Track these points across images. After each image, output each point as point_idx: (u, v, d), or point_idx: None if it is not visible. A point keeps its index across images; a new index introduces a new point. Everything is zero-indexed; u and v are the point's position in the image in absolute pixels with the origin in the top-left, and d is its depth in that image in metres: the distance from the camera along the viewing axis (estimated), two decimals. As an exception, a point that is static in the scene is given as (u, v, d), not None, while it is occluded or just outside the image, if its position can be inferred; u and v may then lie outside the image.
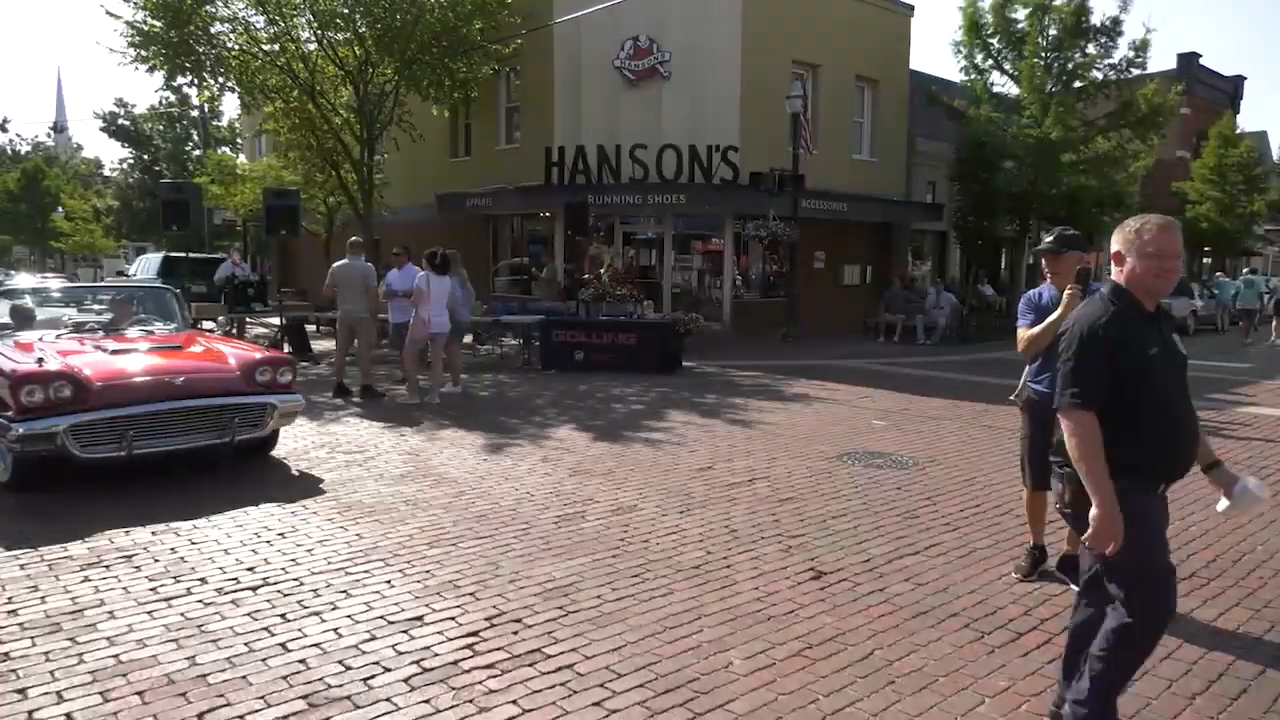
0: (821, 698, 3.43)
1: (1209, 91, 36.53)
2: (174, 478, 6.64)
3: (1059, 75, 22.03)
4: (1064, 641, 3.93)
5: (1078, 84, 22.05)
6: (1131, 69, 22.03)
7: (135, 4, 16.61)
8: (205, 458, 6.77)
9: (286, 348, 14.89)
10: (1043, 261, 4.72)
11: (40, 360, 6.19)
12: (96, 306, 8.90)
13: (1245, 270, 26.27)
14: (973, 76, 23.35)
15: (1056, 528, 5.40)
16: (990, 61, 23.12)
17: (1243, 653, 3.88)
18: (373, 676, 3.56)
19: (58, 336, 7.41)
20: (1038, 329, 4.54)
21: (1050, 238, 4.66)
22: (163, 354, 6.90)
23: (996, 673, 3.67)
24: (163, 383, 6.40)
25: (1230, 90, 38.06)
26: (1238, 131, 32.67)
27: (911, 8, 24.14)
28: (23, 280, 9.16)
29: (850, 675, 3.63)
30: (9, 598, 4.33)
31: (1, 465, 6.24)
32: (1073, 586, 4.80)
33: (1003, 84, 23.61)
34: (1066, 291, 4.37)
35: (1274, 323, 21.28)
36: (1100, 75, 22.01)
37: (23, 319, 7.61)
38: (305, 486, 6.56)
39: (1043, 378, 4.64)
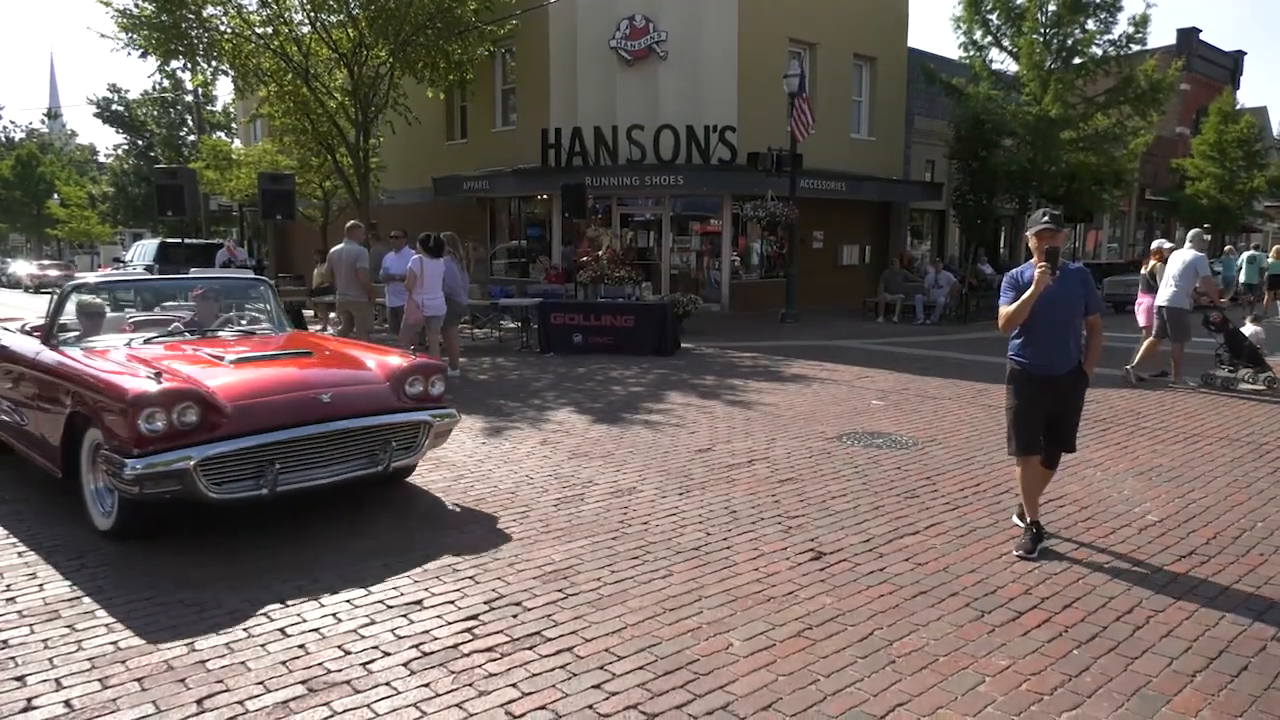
0: (822, 678, 3.43)
1: (1209, 67, 36.35)
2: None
3: (1058, 51, 21.89)
4: (1065, 620, 3.94)
5: (1077, 60, 21.93)
6: (1131, 45, 21.91)
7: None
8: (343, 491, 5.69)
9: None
10: (1029, 241, 4.79)
11: (158, 375, 4.76)
12: (172, 304, 7.22)
13: (1250, 248, 26.37)
14: (971, 53, 23.21)
15: (1050, 504, 5.40)
16: (989, 38, 22.98)
17: (1243, 630, 3.88)
18: (372, 661, 3.56)
19: (145, 341, 5.96)
20: (1014, 306, 4.73)
21: (1045, 216, 4.74)
22: (294, 363, 5.57)
23: (997, 652, 3.66)
24: (308, 400, 5.04)
25: (1230, 66, 37.88)
26: (1238, 107, 32.49)
27: (909, -16, 23.98)
28: (90, 274, 8.03)
29: (850, 655, 3.62)
30: (7, 585, 4.33)
31: (99, 510, 5.01)
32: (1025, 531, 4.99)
33: (1002, 61, 23.49)
34: (1037, 269, 4.60)
35: (1266, 298, 21.32)
36: (1100, 51, 21.88)
37: (93, 320, 6.21)
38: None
39: (1025, 351, 4.83)
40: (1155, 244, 11.79)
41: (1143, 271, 11.99)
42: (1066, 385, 4.81)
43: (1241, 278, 22.86)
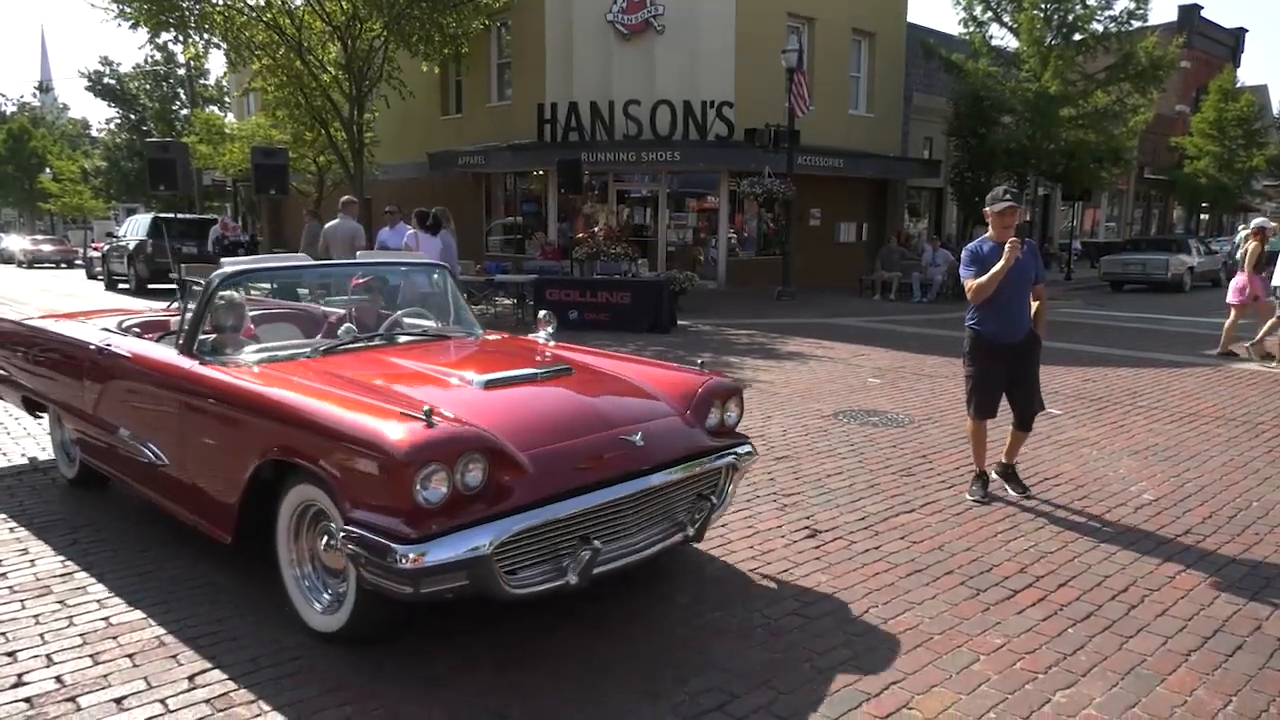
0: (816, 655, 3.42)
1: (1209, 44, 36.12)
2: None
3: (1059, 27, 21.74)
4: (1060, 599, 3.93)
5: (1077, 36, 21.77)
6: (1132, 21, 21.76)
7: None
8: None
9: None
10: (989, 215, 5.17)
11: (429, 412, 3.13)
12: (338, 298, 5.40)
13: (1244, 227, 26.63)
14: (971, 29, 23.04)
15: (1046, 482, 5.41)
16: (989, 13, 22.81)
17: (1238, 609, 3.88)
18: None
19: (326, 351, 4.29)
20: (984, 279, 5.03)
21: (1005, 193, 5.15)
22: (562, 384, 3.95)
23: (991, 630, 3.65)
24: (618, 444, 3.58)
25: (1231, 43, 37.65)
26: (1238, 85, 32.34)
27: (909, -42, 23.75)
28: (235, 259, 4.76)
29: (845, 634, 3.62)
30: (-2, 561, 4.31)
31: (312, 602, 3.58)
32: (1011, 493, 5.37)
33: (1001, 37, 23.33)
34: (1009, 244, 4.93)
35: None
36: (1100, 27, 21.74)
37: (236, 321, 4.45)
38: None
39: (986, 320, 5.19)
40: (1257, 222, 11.66)
41: (1242, 250, 12.02)
42: (1024, 350, 5.21)
43: (1237, 256, 23.10)
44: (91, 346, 4.79)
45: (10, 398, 5.92)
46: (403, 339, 4.73)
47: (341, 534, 3.14)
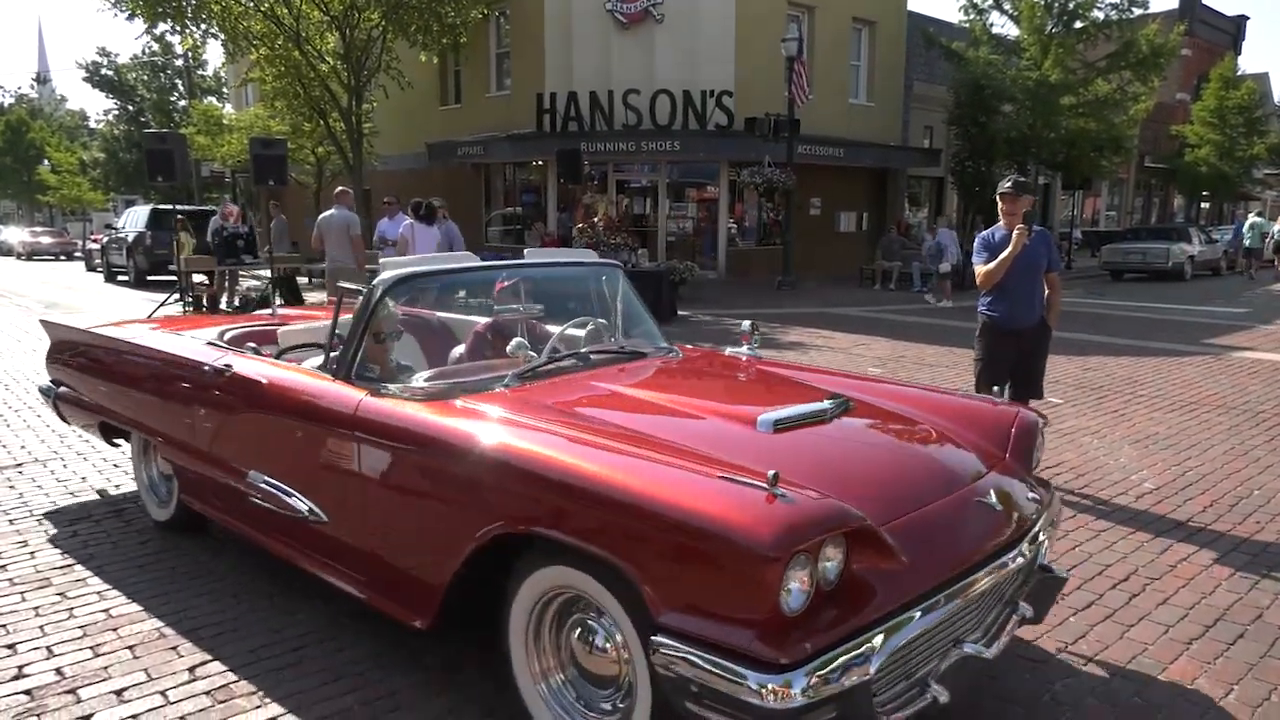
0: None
1: (1210, 32, 35.97)
2: None
3: (1059, 15, 21.63)
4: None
5: (1078, 24, 21.67)
6: (1133, 8, 21.65)
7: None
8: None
9: (279, 300, 14.79)
10: (999, 203, 5.23)
11: (774, 477, 2.29)
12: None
13: (1254, 214, 26.85)
14: (972, 17, 22.92)
15: (1047, 471, 5.36)
16: (990, 1, 22.67)
17: (1239, 598, 3.87)
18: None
19: (521, 379, 3.38)
20: (993, 265, 5.18)
21: (1008, 182, 5.23)
22: (857, 422, 3.19)
23: (993, 619, 3.65)
24: (975, 507, 2.81)
25: (1232, 31, 37.49)
26: (1239, 73, 32.23)
27: (910, -54, 23.63)
28: (394, 261, 3.66)
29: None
30: (-2, 553, 4.30)
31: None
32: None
33: (1002, 24, 23.21)
34: (1016, 230, 5.06)
35: (1276, 263, 22.10)
36: (1101, 15, 21.62)
37: (396, 338, 3.63)
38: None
39: (997, 305, 5.27)
40: None
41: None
42: (1032, 336, 5.30)
43: (1245, 243, 23.54)
44: (207, 367, 3.86)
45: (81, 421, 5.05)
46: (597, 358, 3.74)
47: (655, 646, 2.26)
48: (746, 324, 4.34)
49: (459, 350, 3.95)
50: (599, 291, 4.27)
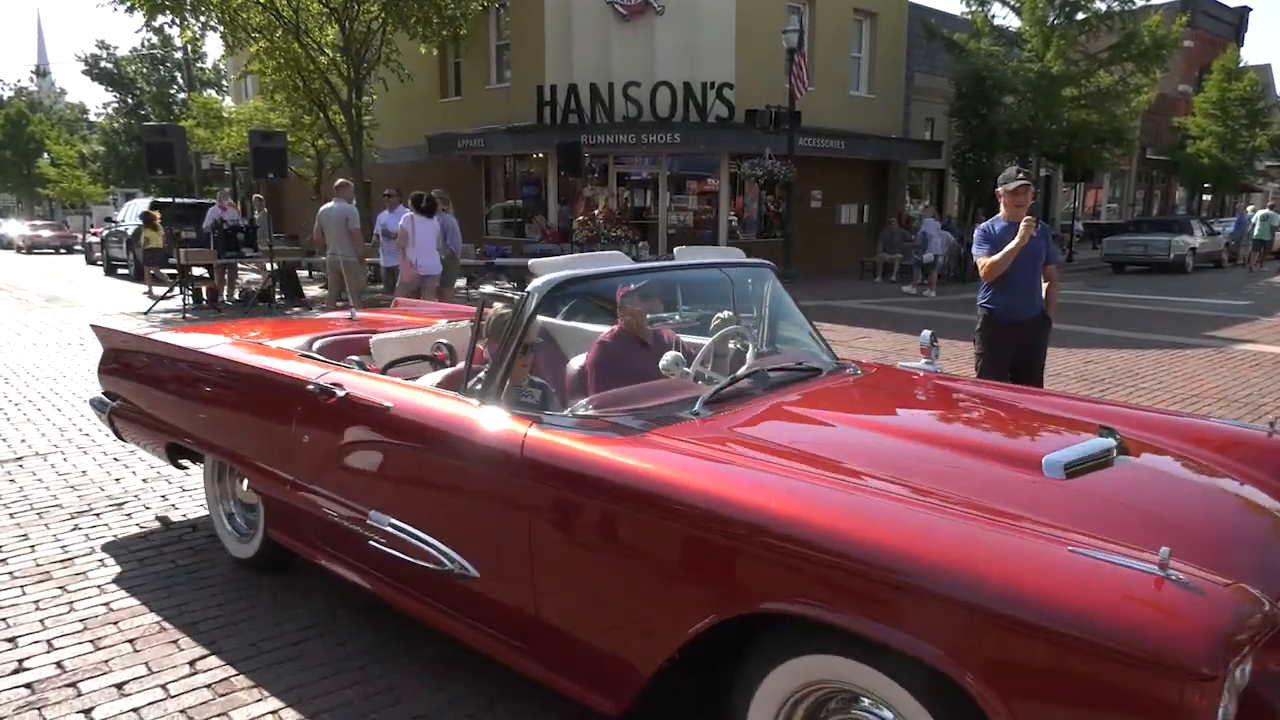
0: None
1: (1213, 23, 35.86)
2: None
3: (1061, 6, 21.53)
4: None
5: (1080, 16, 21.59)
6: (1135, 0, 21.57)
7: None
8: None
9: (279, 293, 14.79)
10: (1001, 195, 5.24)
11: (1165, 565, 1.72)
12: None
13: (1261, 207, 26.93)
14: (973, 8, 22.81)
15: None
16: (992, -9, 22.58)
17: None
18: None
19: (708, 408, 2.83)
20: (999, 256, 5.15)
21: (1019, 174, 5.22)
22: (1141, 459, 2.66)
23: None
24: None
25: (1235, 22, 37.37)
26: (1241, 65, 32.12)
27: (911, -63, 23.55)
28: (546, 263, 3.07)
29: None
30: (-2, 547, 4.30)
31: None
32: None
33: (1004, 16, 23.11)
34: (1025, 221, 5.03)
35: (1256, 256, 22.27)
36: (1103, 6, 21.54)
37: (544, 359, 3.42)
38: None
39: (998, 298, 5.28)
40: None
41: None
42: (1034, 329, 5.33)
43: (1255, 235, 23.72)
44: (311, 386, 3.32)
45: (142, 441, 4.47)
46: (776, 376, 3.21)
47: None
48: (926, 335, 3.93)
49: (576, 364, 3.37)
50: (745, 294, 3.72)
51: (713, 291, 3.79)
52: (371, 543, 3.06)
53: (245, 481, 3.90)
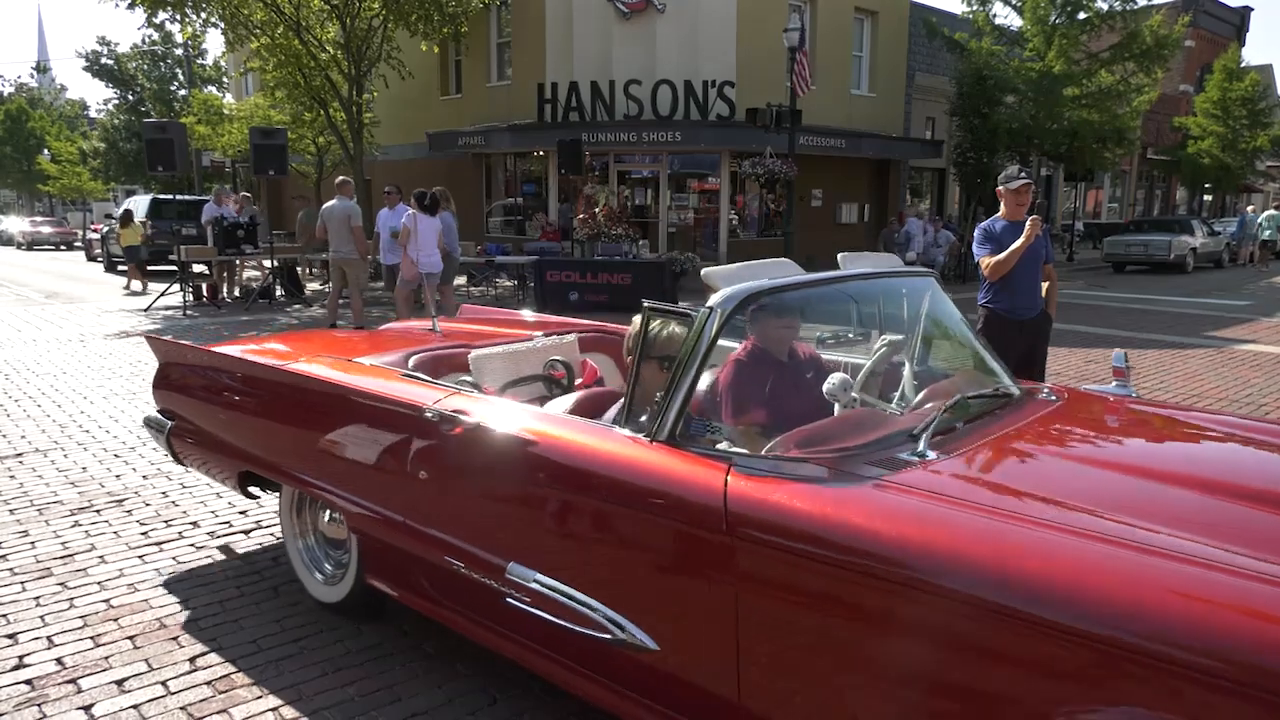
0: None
1: (1214, 23, 35.85)
2: None
3: (1063, 6, 21.53)
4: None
5: (1082, 15, 21.58)
6: (1136, -1, 21.58)
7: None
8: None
9: (279, 290, 14.78)
10: (1002, 193, 5.26)
11: None
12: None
13: (1266, 208, 27.07)
14: (975, 7, 22.81)
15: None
16: (993, -9, 22.58)
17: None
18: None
19: (934, 448, 2.33)
20: (1003, 255, 5.15)
21: (1021, 174, 5.25)
22: None
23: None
24: None
25: (1236, 22, 37.37)
26: (1243, 65, 32.10)
27: (913, -64, 23.52)
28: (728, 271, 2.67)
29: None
30: (-2, 543, 4.30)
31: None
32: None
33: (1005, 15, 23.20)
34: (1030, 220, 5.07)
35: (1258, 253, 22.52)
36: (1105, 6, 21.54)
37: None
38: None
39: (1000, 297, 5.29)
40: None
41: None
42: (1035, 327, 5.37)
43: (1264, 235, 23.92)
44: (429, 414, 2.87)
45: (209, 466, 3.96)
46: (976, 404, 2.76)
47: None
48: (1119, 354, 3.54)
49: (703, 385, 2.61)
50: (899, 305, 3.31)
51: (872, 303, 3.32)
52: (509, 599, 2.62)
53: (327, 514, 3.54)
